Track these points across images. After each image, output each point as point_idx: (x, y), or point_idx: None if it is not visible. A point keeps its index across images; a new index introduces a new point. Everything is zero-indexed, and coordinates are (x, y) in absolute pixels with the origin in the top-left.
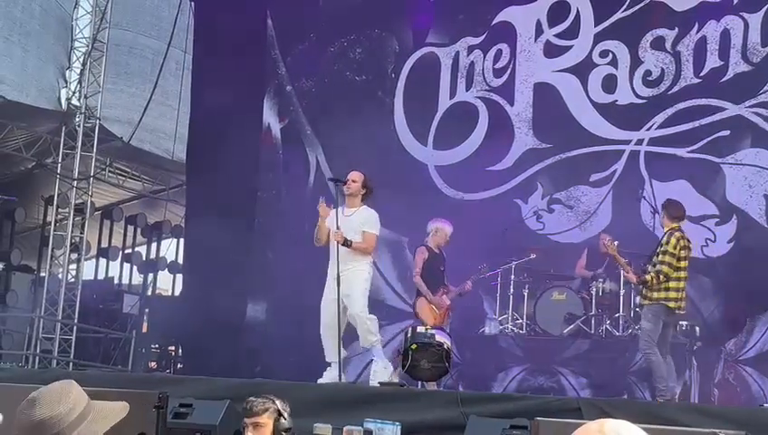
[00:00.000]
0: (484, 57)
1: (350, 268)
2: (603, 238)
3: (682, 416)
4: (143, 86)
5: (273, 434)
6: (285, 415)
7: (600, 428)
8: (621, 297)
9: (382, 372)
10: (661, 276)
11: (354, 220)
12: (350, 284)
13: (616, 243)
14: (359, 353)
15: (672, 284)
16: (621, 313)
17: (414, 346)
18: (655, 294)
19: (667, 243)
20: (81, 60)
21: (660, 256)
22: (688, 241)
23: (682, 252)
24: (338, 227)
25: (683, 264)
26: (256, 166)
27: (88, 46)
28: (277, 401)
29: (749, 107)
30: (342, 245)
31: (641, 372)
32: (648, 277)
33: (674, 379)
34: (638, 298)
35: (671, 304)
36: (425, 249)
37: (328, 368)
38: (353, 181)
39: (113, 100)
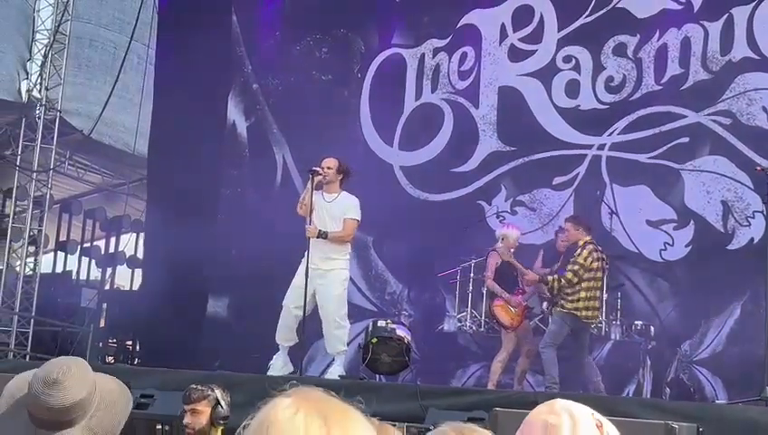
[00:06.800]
0: (450, 59)
1: (328, 265)
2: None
3: (637, 410)
4: (104, 79)
5: (210, 421)
6: (223, 404)
7: (551, 408)
8: None
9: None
10: (563, 281)
11: (335, 207)
12: (327, 284)
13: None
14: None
15: (582, 294)
16: None
17: (374, 340)
18: (567, 305)
19: (579, 254)
20: (43, 52)
21: (570, 265)
22: (602, 253)
23: (594, 263)
24: (310, 222)
25: (595, 275)
26: (220, 163)
27: (49, 38)
28: (217, 390)
29: (708, 115)
30: (318, 238)
31: (598, 368)
32: (549, 279)
33: (596, 374)
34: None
35: (579, 314)
36: (496, 254)
37: (278, 352)
38: (328, 168)
39: (74, 92)
